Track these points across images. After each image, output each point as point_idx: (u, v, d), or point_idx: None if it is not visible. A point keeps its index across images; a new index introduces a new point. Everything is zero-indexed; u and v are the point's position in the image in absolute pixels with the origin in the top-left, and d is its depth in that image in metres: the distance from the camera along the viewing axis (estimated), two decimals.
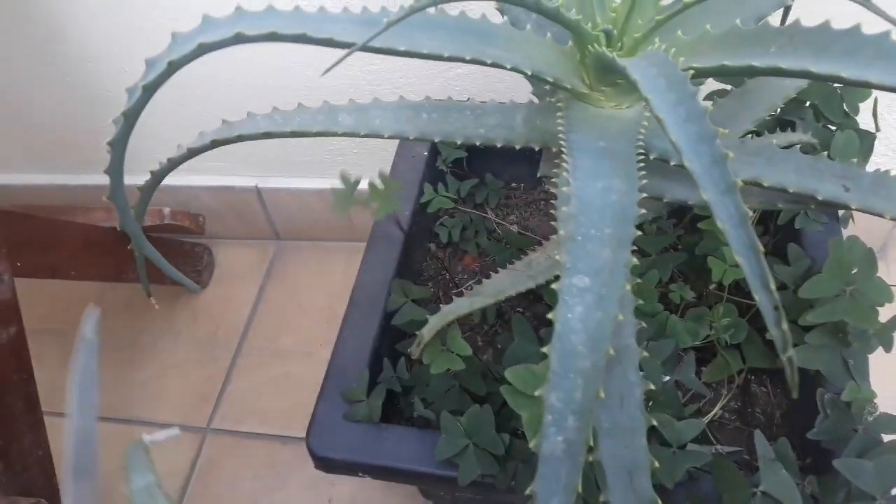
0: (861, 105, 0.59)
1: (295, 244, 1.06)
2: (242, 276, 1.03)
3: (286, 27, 0.31)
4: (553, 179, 0.43)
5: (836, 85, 0.58)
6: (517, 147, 0.45)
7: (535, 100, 0.51)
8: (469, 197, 0.72)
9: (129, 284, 0.96)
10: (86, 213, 0.81)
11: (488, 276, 0.53)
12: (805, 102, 0.59)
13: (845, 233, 0.59)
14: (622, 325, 0.33)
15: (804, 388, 0.55)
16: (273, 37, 0.31)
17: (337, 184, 0.51)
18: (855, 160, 0.56)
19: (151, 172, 0.43)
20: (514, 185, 0.75)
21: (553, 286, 0.29)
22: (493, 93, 0.80)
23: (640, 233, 0.31)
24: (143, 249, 0.35)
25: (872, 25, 0.32)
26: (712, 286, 0.60)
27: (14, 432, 0.59)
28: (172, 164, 0.43)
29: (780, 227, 0.60)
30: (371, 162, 0.95)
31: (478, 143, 0.45)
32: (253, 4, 0.33)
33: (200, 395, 0.91)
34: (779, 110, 0.57)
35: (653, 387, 0.30)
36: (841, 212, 0.60)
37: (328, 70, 0.29)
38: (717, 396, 0.56)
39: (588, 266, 0.29)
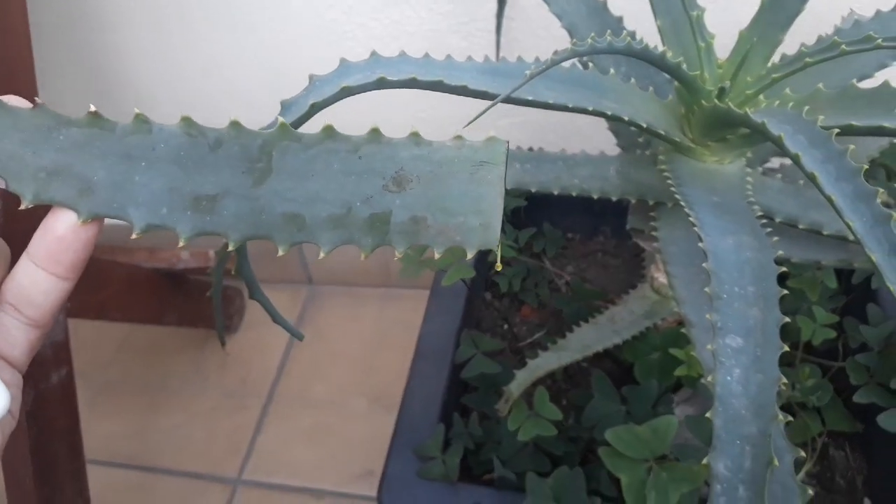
0: None
1: (327, 289, 1.04)
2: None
3: (424, 74, 0.31)
4: (653, 233, 0.42)
5: None
6: (613, 199, 0.44)
7: (619, 150, 0.51)
8: (526, 246, 0.71)
9: (154, 327, 0.94)
10: (127, 253, 0.80)
11: (550, 329, 0.51)
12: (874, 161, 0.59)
13: None
14: None
15: (887, 452, 0.53)
16: (413, 83, 0.31)
17: None
18: None
19: None
20: (570, 235, 0.74)
21: (707, 347, 0.27)
22: (543, 143, 0.80)
23: (784, 291, 0.30)
24: (257, 297, 0.34)
25: None
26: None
27: (57, 480, 0.56)
28: None
29: (853, 286, 0.59)
30: None
31: (574, 194, 0.44)
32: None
33: (230, 445, 0.88)
34: None
35: (803, 454, 0.29)
36: None
37: (471, 122, 0.29)
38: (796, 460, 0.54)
39: (739, 325, 0.28)
